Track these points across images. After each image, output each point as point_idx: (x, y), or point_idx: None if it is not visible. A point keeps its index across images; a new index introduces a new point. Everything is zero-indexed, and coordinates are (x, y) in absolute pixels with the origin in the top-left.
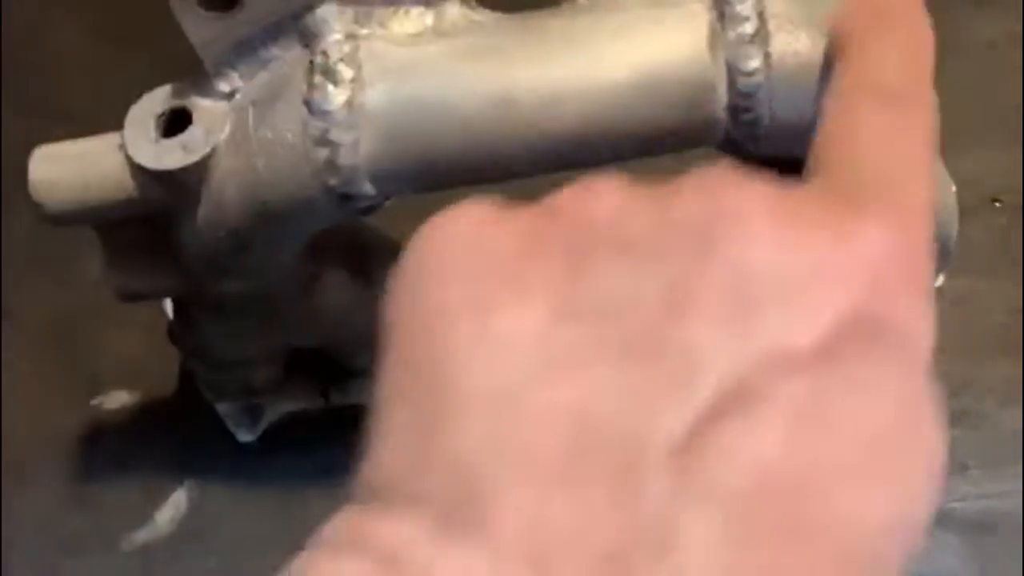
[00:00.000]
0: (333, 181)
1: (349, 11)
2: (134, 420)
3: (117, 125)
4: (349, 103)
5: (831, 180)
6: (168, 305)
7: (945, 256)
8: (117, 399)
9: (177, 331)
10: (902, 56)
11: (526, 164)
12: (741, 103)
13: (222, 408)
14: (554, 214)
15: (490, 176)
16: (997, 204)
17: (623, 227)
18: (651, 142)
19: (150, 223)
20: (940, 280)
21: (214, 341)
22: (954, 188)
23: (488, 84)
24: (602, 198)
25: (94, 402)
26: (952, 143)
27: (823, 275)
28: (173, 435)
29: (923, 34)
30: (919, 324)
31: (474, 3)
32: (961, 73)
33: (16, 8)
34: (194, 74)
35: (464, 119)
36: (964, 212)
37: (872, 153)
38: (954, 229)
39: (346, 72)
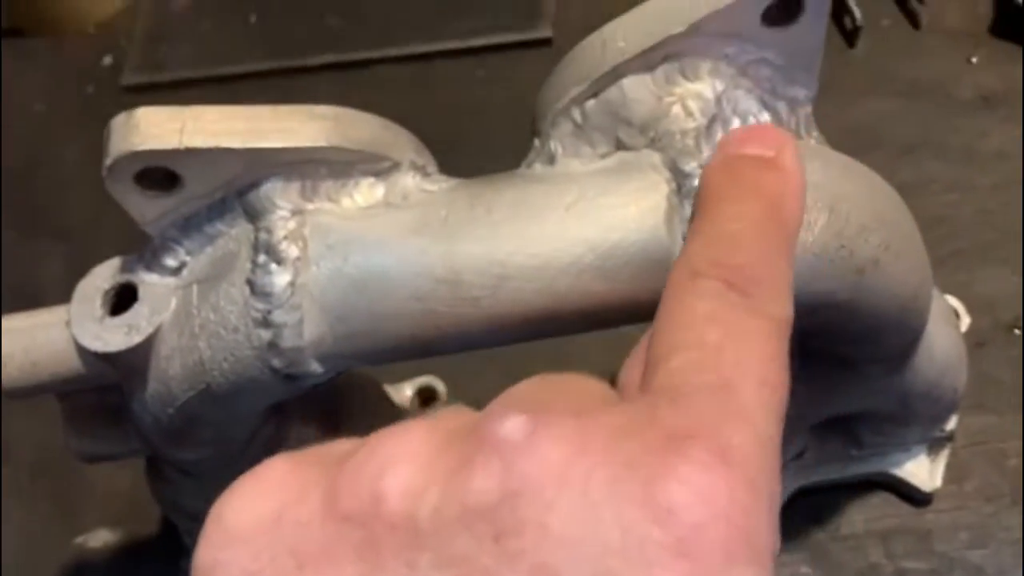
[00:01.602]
0: (277, 363)
1: (295, 185)
2: (115, 561)
3: (114, 245)
4: (292, 283)
5: (655, 402)
6: None
7: (952, 408)
8: (100, 537)
9: (150, 482)
10: (756, 229)
11: (477, 340)
12: None
13: None
14: (343, 497)
15: (440, 352)
16: (1016, 331)
17: (413, 513)
18: (607, 319)
19: (113, 389)
20: (952, 422)
21: (184, 497)
22: (968, 320)
23: (434, 261)
24: (391, 474)
25: (78, 540)
26: (964, 263)
27: (633, 557)
28: None
29: (788, 201)
30: None
31: (429, 169)
32: (971, 184)
33: (17, 130)
34: (142, 247)
35: (410, 297)
36: (978, 342)
37: (703, 359)
38: (963, 375)
39: (290, 250)
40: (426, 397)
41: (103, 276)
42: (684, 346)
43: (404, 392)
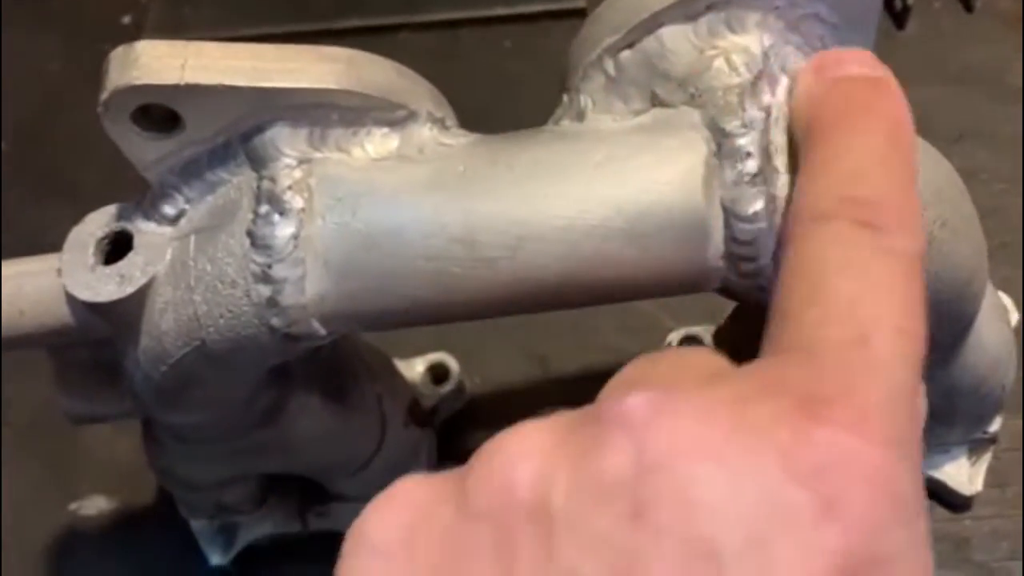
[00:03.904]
0: (276, 321)
1: (303, 132)
2: (109, 530)
3: None
4: (295, 236)
5: (785, 363)
6: None
7: (997, 407)
8: (95, 504)
9: (145, 448)
10: (880, 158)
11: (491, 307)
12: (740, 251)
13: (196, 526)
14: (473, 498)
15: (452, 318)
16: None
17: (546, 501)
18: (633, 289)
19: (107, 345)
20: (996, 424)
21: (179, 464)
22: (1016, 316)
23: (449, 220)
24: (519, 466)
25: (72, 506)
26: (1012, 256)
27: (781, 521)
28: (147, 551)
29: (906, 125)
30: (904, 551)
31: (447, 123)
32: (1022, 175)
33: (27, 90)
34: (140, 194)
35: (422, 257)
36: None
37: (837, 312)
38: (1012, 372)
39: (295, 201)
40: (438, 374)
41: (97, 223)
42: (815, 299)
43: (415, 368)
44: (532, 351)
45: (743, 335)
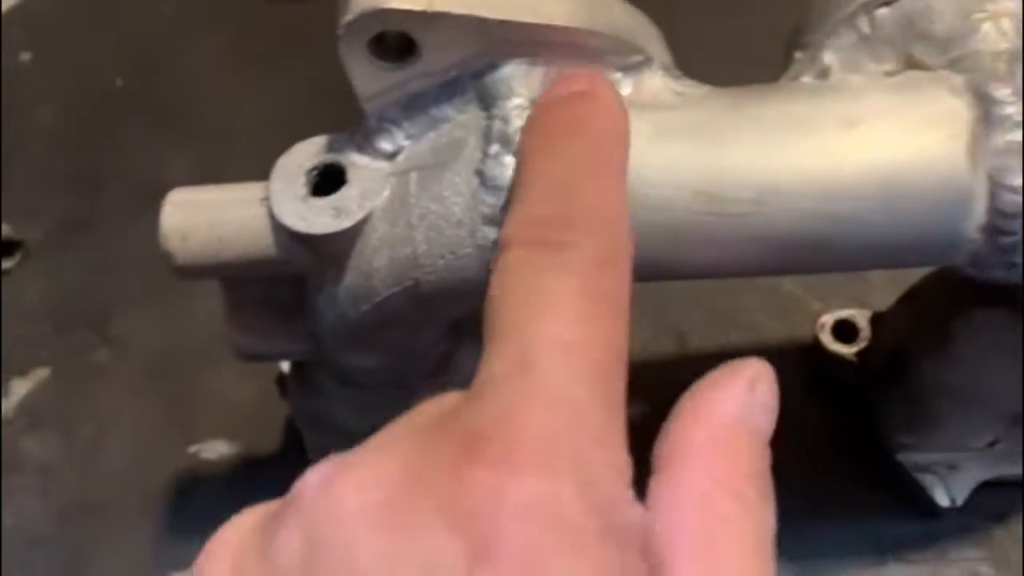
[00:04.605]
0: None
1: (538, 72)
2: (230, 476)
3: (247, 145)
4: None
5: (458, 409)
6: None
7: None
8: (215, 449)
9: (293, 392)
10: (571, 166)
11: (725, 266)
12: (1002, 224)
13: None
14: None
15: (683, 275)
16: None
17: None
18: (880, 255)
19: (285, 282)
20: None
21: (334, 409)
22: None
23: (689, 170)
24: (215, 557)
25: (191, 449)
26: None
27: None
28: (269, 498)
29: (606, 132)
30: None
31: (678, 72)
32: None
33: (154, 25)
34: (352, 127)
35: (658, 208)
36: None
37: (505, 346)
38: None
39: None
40: None
41: (305, 154)
42: (490, 337)
43: None
44: (670, 326)
45: (916, 320)
